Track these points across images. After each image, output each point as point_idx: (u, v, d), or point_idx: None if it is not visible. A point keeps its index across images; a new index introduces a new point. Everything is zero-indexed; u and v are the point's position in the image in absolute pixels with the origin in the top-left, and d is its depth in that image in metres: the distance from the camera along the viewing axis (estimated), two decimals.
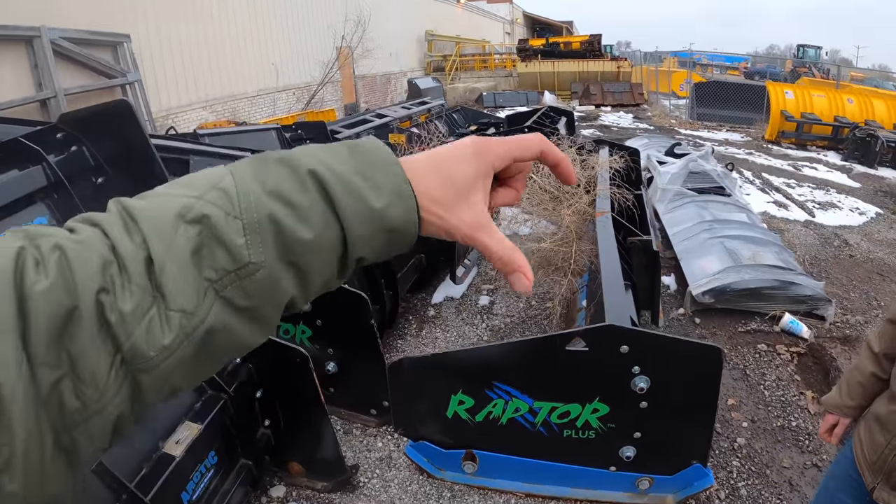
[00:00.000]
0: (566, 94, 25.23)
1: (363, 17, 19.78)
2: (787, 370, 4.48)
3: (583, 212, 4.54)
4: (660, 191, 7.50)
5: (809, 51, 40.99)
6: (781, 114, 14.96)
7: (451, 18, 35.04)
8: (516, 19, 51.68)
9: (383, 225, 0.57)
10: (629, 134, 15.16)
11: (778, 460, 3.56)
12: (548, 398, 2.58)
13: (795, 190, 10.31)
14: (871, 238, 7.91)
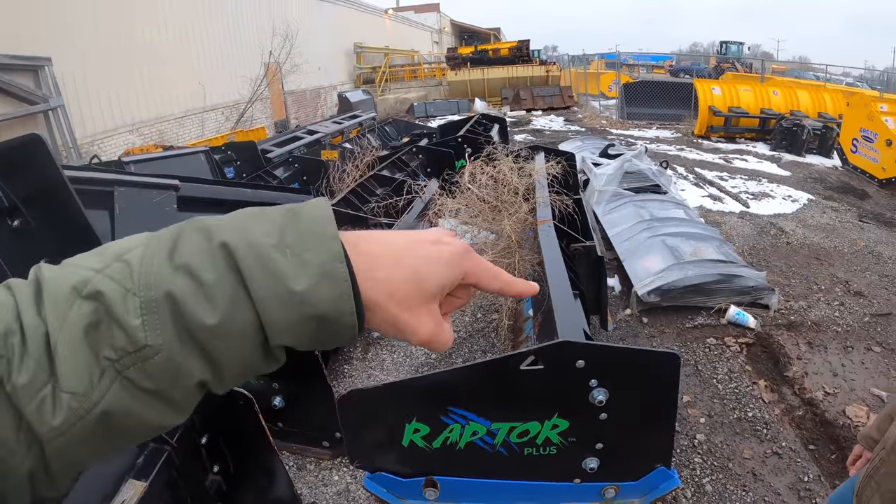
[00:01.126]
0: (497, 100, 25.40)
1: (290, 32, 19.59)
2: (738, 362, 4.53)
3: (523, 220, 4.51)
4: (597, 193, 7.54)
5: (732, 46, 42.57)
6: (709, 109, 15.39)
7: (379, 30, 35.09)
8: (444, 28, 52.08)
9: (307, 311, 0.49)
10: (562, 137, 15.31)
11: (739, 452, 3.58)
12: (505, 419, 2.51)
13: (728, 182, 10.59)
14: (805, 224, 8.17)
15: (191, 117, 16.18)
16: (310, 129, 11.42)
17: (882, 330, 5.12)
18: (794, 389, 4.24)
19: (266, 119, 19.58)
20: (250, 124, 17.19)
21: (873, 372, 4.47)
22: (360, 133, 11.44)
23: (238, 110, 17.90)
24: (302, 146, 9.61)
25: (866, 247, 7.32)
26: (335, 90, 25.88)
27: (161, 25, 15.07)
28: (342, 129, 11.73)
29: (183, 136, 15.48)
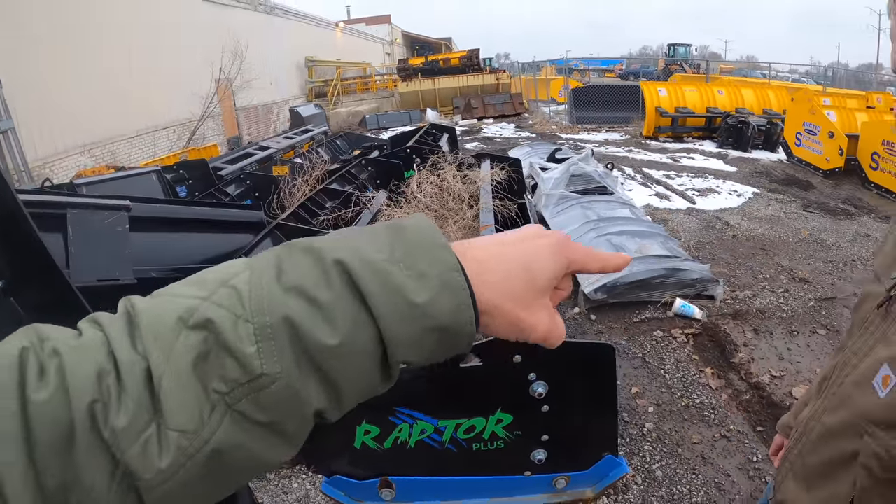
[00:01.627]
0: (448, 109, 25.45)
1: (240, 48, 19.43)
2: (685, 352, 4.67)
3: (468, 227, 4.59)
4: (544, 196, 7.66)
5: (680, 49, 43.32)
6: (656, 110, 15.74)
7: (330, 43, 35.07)
8: (395, 39, 52.16)
9: (429, 324, 0.49)
10: (512, 143, 15.51)
11: (687, 438, 3.70)
12: (450, 416, 2.55)
13: (675, 180, 10.83)
14: (750, 217, 8.44)
15: (143, 137, 15.96)
16: (262, 145, 11.35)
17: (827, 313, 5.34)
18: (740, 375, 4.39)
19: (218, 136, 19.39)
20: (203, 142, 16.98)
21: (819, 354, 4.67)
22: (311, 147, 11.42)
23: (190, 128, 17.67)
24: (254, 162, 9.55)
25: (811, 235, 7.61)
26: (287, 105, 25.70)
27: (111, 45, 14.88)
28: (294, 144, 11.70)
29: (135, 156, 15.25)
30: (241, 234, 4.75)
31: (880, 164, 10.39)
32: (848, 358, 1.14)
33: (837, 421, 1.11)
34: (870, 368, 1.04)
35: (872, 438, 0.98)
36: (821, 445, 1.15)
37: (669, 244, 6.06)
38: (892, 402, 0.95)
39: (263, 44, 24.13)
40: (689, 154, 13.80)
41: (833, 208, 9.17)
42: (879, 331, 1.08)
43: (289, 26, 28.70)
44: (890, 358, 0.99)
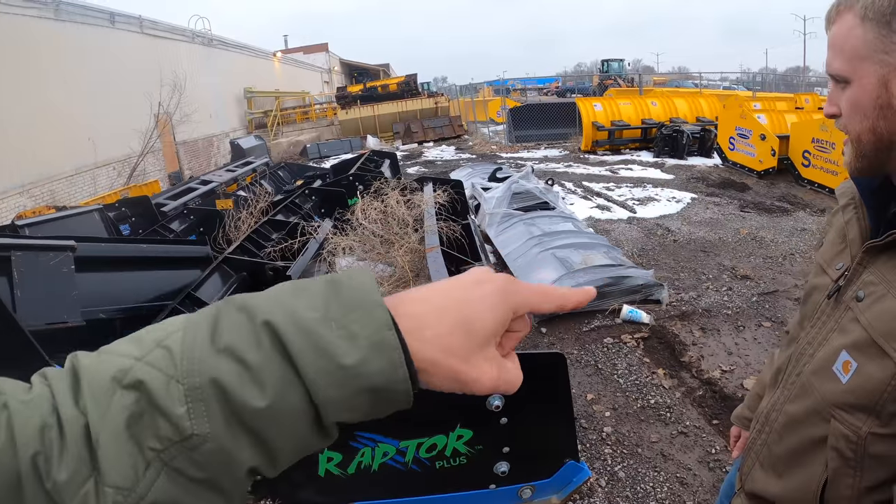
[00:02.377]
0: (388, 135, 25.46)
1: (179, 81, 19.06)
2: (636, 355, 4.79)
3: (414, 250, 4.63)
4: (488, 216, 7.78)
5: (613, 64, 44.25)
6: (593, 125, 16.14)
7: (269, 73, 34.72)
8: (333, 67, 52.05)
9: (360, 385, 0.47)
10: (453, 165, 15.67)
11: (646, 437, 3.79)
12: (411, 436, 2.57)
13: (615, 192, 11.08)
14: (689, 221, 8.72)
15: (82, 175, 15.45)
16: (203, 179, 11.23)
17: (770, 306, 5.56)
18: (691, 373, 4.52)
19: (159, 172, 18.90)
20: (143, 178, 16.50)
21: (766, 345, 4.86)
22: (254, 179, 11.35)
23: (130, 165, 17.15)
24: (196, 197, 9.44)
25: (749, 234, 7.90)
26: (227, 137, 25.19)
27: (48, 81, 14.49)
28: (236, 177, 11.60)
29: (75, 194, 14.73)
30: (189, 270, 4.70)
31: (812, 161, 10.89)
32: (803, 348, 1.23)
33: (801, 409, 1.19)
34: (828, 356, 1.13)
35: (839, 422, 1.07)
36: (787, 434, 1.23)
37: (613, 253, 6.21)
38: (855, 386, 1.04)
39: (202, 76, 23.83)
40: (627, 165, 14.15)
41: (769, 207, 9.55)
42: (832, 320, 1.16)
43: (227, 58, 28.36)
44: (847, 345, 1.08)
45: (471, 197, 8.34)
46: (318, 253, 5.51)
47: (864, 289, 1.09)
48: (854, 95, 1.03)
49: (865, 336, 1.04)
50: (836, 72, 1.05)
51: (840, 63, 1.04)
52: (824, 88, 40.17)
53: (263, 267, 4.88)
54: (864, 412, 1.03)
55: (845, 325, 1.11)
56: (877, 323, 1.02)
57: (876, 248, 1.08)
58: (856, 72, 1.02)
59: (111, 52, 17.68)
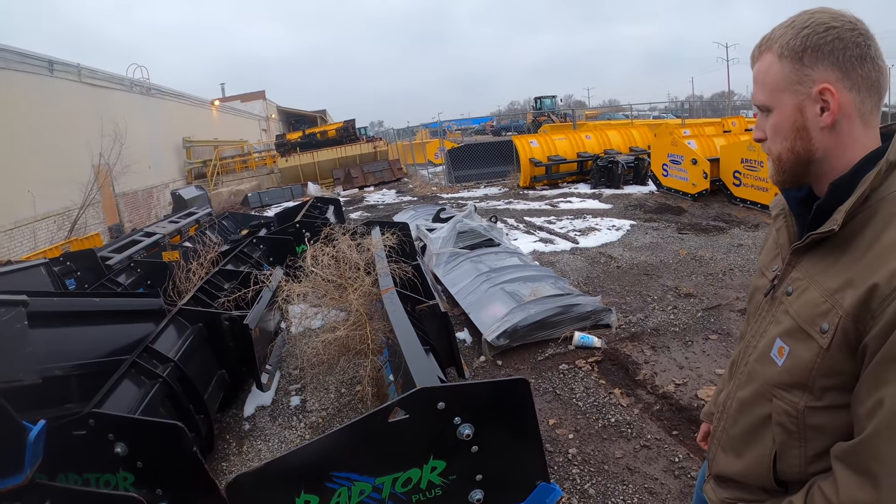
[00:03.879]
0: (329, 181, 25.58)
1: (119, 132, 18.69)
2: (592, 378, 4.93)
3: (368, 293, 4.69)
4: (434, 256, 7.89)
5: (546, 100, 45.16)
6: (530, 161, 16.57)
7: (207, 122, 34.49)
8: (271, 115, 51.98)
9: None
10: (396, 209, 15.77)
11: (611, 454, 3.90)
12: (387, 472, 2.63)
13: (557, 224, 11.37)
14: (630, 247, 9.03)
15: (21, 228, 14.94)
16: (147, 231, 11.06)
17: (715, 320, 5.83)
18: (647, 389, 4.69)
19: (99, 224, 18.32)
20: (84, 231, 15.94)
21: (714, 356, 5.10)
22: (198, 230, 11.26)
23: (70, 218, 16.60)
24: (141, 249, 9.30)
25: (689, 254, 8.24)
26: (167, 188, 24.83)
27: None
28: (180, 229, 11.47)
29: (14, 249, 14.27)
30: (143, 324, 4.64)
31: (742, 180, 11.47)
32: (749, 341, 1.42)
33: (749, 393, 1.36)
34: (766, 345, 1.31)
35: (780, 400, 1.24)
36: (740, 417, 1.39)
37: (560, 284, 6.38)
38: (790, 367, 1.21)
39: (141, 126, 23.49)
40: (566, 198, 14.53)
41: (706, 227, 9.98)
42: (769, 314, 1.35)
43: (166, 107, 28.06)
44: (780, 333, 1.26)
45: (416, 238, 8.45)
46: (272, 301, 5.52)
47: (792, 284, 1.27)
48: (775, 121, 1.24)
49: (794, 324, 1.22)
50: (760, 102, 1.27)
51: (763, 95, 1.25)
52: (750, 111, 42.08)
53: (219, 317, 4.87)
54: (799, 389, 1.19)
55: (779, 316, 1.29)
56: (802, 311, 1.20)
57: (800, 249, 1.27)
58: (776, 101, 1.23)
59: (50, 101, 17.34)
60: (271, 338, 5.93)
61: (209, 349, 4.85)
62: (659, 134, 14.41)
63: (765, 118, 1.28)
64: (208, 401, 4.43)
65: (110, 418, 3.00)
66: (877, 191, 1.13)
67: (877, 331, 1.03)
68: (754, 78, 1.28)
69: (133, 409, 3.53)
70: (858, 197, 1.13)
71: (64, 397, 3.62)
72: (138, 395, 3.75)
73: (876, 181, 1.13)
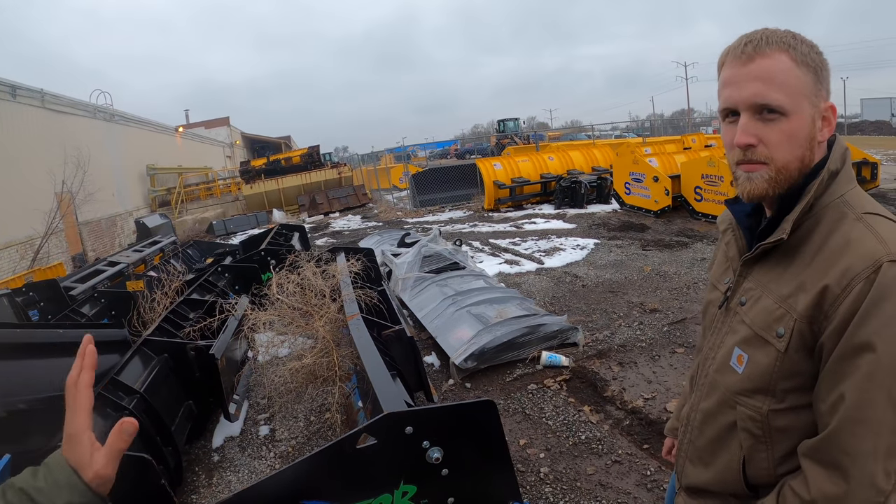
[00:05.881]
0: (294, 208, 25.54)
1: (82, 158, 18.37)
2: (561, 397, 4.96)
3: (334, 320, 4.68)
4: (400, 281, 7.91)
5: (509, 123, 45.60)
6: (494, 184, 16.74)
7: (171, 149, 34.23)
8: (236, 141, 51.65)
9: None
10: (361, 234, 15.78)
11: (583, 471, 3.94)
12: (357, 498, 2.62)
13: (522, 246, 11.48)
14: (595, 265, 9.16)
15: None
16: (110, 260, 10.88)
17: (681, 334, 5.95)
18: (616, 405, 4.74)
19: (62, 254, 17.95)
20: (47, 261, 15.63)
21: (682, 369, 5.19)
22: (163, 259, 11.11)
23: (32, 247, 16.29)
24: (105, 279, 9.13)
25: (653, 270, 8.38)
26: (132, 216, 24.54)
27: None
28: (144, 258, 11.33)
29: None
30: (108, 355, 4.56)
31: (703, 195, 11.75)
32: (706, 354, 1.46)
33: (712, 403, 1.39)
34: (725, 355, 1.35)
35: (744, 406, 1.28)
36: (705, 427, 1.43)
37: (526, 304, 6.45)
38: (750, 373, 1.26)
39: (105, 153, 23.25)
40: (530, 219, 14.69)
41: (669, 242, 10.18)
42: (725, 325, 1.40)
43: (129, 133, 27.78)
44: (738, 342, 1.31)
45: (382, 264, 8.46)
46: (238, 330, 5.48)
47: (745, 294, 1.32)
48: (792, 128, 1.18)
49: (750, 332, 1.27)
50: (777, 103, 1.17)
51: (782, 96, 1.17)
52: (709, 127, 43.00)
53: (185, 347, 4.81)
54: (761, 394, 1.23)
55: (735, 326, 1.34)
56: (757, 319, 1.26)
57: (750, 260, 1.33)
58: (797, 106, 1.18)
59: (12, 127, 17.07)
60: (238, 367, 5.87)
61: (175, 380, 4.78)
62: (620, 153, 14.69)
63: (761, 123, 1.20)
64: (176, 432, 4.36)
65: None
66: (820, 199, 1.19)
67: (831, 330, 1.09)
68: (762, 75, 1.18)
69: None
70: (804, 206, 1.18)
71: (28, 431, 3.56)
72: (104, 428, 3.66)
73: (819, 190, 1.19)
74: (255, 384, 5.95)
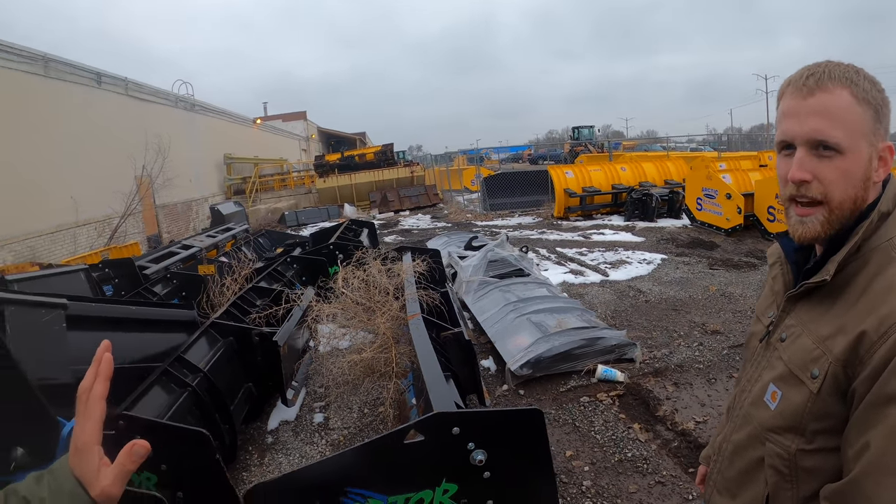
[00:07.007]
0: (365, 203, 25.83)
1: (162, 145, 19.15)
2: (612, 412, 4.93)
3: (396, 317, 4.77)
4: (465, 283, 7.99)
5: (583, 130, 45.16)
6: (565, 192, 16.61)
7: (248, 139, 35.10)
8: (312, 135, 52.53)
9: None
10: (430, 234, 15.88)
11: (625, 488, 3.91)
12: (400, 491, 2.69)
13: (588, 256, 11.37)
14: (660, 281, 8.99)
15: (62, 233, 15.39)
16: (184, 243, 11.24)
17: (740, 358, 5.71)
18: (666, 425, 4.68)
19: (139, 234, 18.82)
20: (124, 240, 16.37)
21: None
22: (234, 246, 11.43)
23: (110, 225, 17.09)
24: (178, 261, 9.47)
25: (718, 290, 8.19)
26: (207, 202, 25.38)
27: (32, 136, 14.58)
28: (217, 243, 11.68)
29: (55, 252, 14.67)
30: (176, 334, 4.78)
31: (777, 216, 11.41)
32: (744, 386, 1.46)
33: (744, 436, 1.39)
34: (761, 389, 1.34)
35: (773, 443, 1.27)
36: (735, 459, 1.43)
37: (586, 316, 6.42)
38: (782, 411, 1.25)
39: (184, 140, 24.08)
40: (599, 230, 14.51)
41: (737, 263, 9.93)
42: (764, 360, 1.39)
43: (209, 123, 28.73)
44: (774, 378, 1.30)
45: (448, 265, 8.54)
46: (302, 320, 5.64)
47: (787, 331, 1.31)
48: (848, 166, 1.16)
49: (786, 369, 1.26)
50: (836, 140, 1.15)
51: (842, 133, 1.15)
52: None
53: (250, 332, 4.99)
54: (791, 432, 1.22)
55: (773, 362, 1.34)
56: (794, 357, 1.25)
57: (794, 297, 1.32)
58: (855, 145, 1.16)
59: (96, 112, 17.86)
60: (299, 355, 6.04)
61: (238, 363, 4.97)
62: (695, 167, 14.36)
63: (816, 159, 1.19)
64: (234, 412, 4.55)
65: (140, 421, 3.09)
66: (868, 241, 1.17)
67: (864, 376, 1.07)
68: (821, 111, 1.17)
69: (162, 415, 3.66)
70: (850, 247, 1.17)
71: None
72: (167, 402, 3.88)
73: (868, 231, 1.17)
74: (314, 373, 6.13)
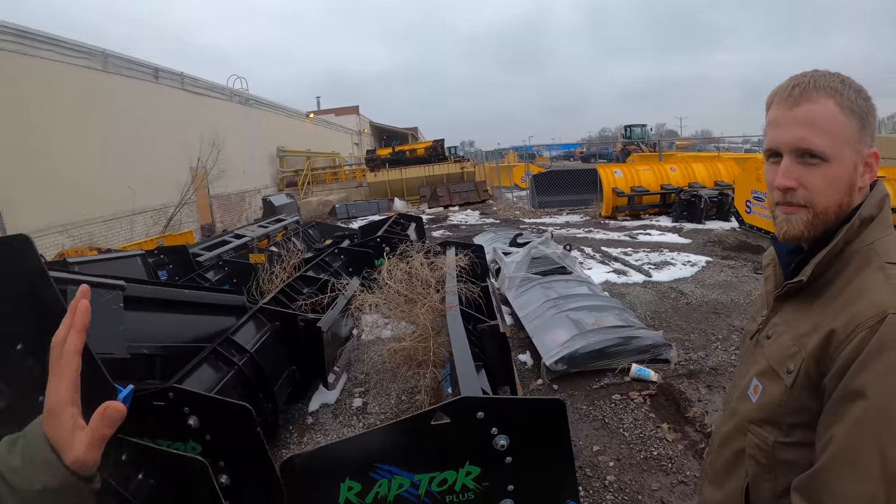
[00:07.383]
0: (415, 198, 25.98)
1: (217, 138, 19.74)
2: (642, 411, 5.00)
3: (436, 309, 4.91)
4: (507, 279, 8.12)
5: (636, 129, 44.36)
6: (613, 191, 16.52)
7: (301, 133, 35.59)
8: (364, 129, 52.92)
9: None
10: (477, 230, 15.92)
11: (647, 486, 3.99)
12: (425, 470, 2.83)
13: (632, 256, 11.33)
14: (703, 284, 8.94)
15: (119, 220, 16.08)
16: (237, 233, 11.62)
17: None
18: (695, 427, 4.72)
19: (193, 223, 19.52)
20: (178, 228, 17.11)
21: None
22: (285, 236, 11.73)
23: (165, 214, 17.79)
24: (230, 250, 9.80)
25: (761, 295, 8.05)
26: (259, 193, 25.91)
27: (92, 128, 15.23)
28: (268, 233, 12.03)
29: (111, 238, 15.34)
30: (225, 317, 5.05)
31: None
32: (735, 381, 1.57)
33: (730, 428, 1.49)
34: (746, 384, 1.44)
35: (753, 434, 1.36)
36: (722, 450, 1.52)
37: (625, 315, 6.47)
38: (762, 404, 1.35)
39: (238, 133, 24.65)
40: (646, 230, 14.44)
41: None
42: (752, 356, 1.49)
43: (263, 117, 29.34)
44: (757, 373, 1.39)
45: (492, 261, 8.68)
46: (346, 308, 5.85)
47: (773, 329, 1.41)
48: (833, 173, 1.21)
49: (767, 365, 1.35)
50: (820, 149, 1.20)
51: (826, 142, 1.20)
52: None
53: (295, 318, 5.22)
54: (769, 425, 1.31)
55: (758, 358, 1.43)
56: (774, 353, 1.34)
57: (780, 297, 1.41)
58: (839, 153, 1.20)
59: (153, 106, 18.49)
60: (342, 342, 6.25)
61: (283, 346, 5.21)
62: (745, 169, 14.07)
63: (801, 166, 1.24)
64: (277, 392, 4.82)
65: (188, 394, 3.31)
66: (851, 244, 1.23)
67: (833, 372, 1.14)
68: (807, 120, 1.21)
69: (209, 389, 3.93)
70: (829, 250, 1.24)
71: (148, 373, 4.04)
72: (215, 378, 4.17)
73: (849, 235, 1.23)
74: (355, 360, 6.36)
